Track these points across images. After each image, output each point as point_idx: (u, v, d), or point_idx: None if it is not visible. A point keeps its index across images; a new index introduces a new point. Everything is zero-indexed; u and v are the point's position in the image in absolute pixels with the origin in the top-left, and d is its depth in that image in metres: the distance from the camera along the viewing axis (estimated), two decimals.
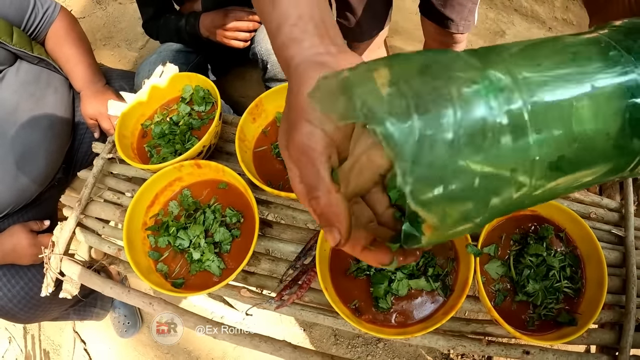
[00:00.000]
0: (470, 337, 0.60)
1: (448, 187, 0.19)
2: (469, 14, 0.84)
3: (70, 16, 0.98)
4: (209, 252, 0.57)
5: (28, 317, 0.96)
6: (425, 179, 0.19)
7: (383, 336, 0.52)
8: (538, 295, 0.56)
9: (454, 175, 0.19)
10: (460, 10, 0.82)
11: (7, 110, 0.87)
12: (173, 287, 0.57)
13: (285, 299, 0.59)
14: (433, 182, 0.19)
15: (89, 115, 0.98)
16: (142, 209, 0.62)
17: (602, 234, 0.70)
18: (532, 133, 0.20)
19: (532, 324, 0.56)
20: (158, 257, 0.60)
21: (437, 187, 0.19)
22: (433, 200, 0.19)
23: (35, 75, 0.93)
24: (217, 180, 0.64)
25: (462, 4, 0.81)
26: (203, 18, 0.96)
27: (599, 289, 0.56)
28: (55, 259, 0.70)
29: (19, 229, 0.91)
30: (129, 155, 0.66)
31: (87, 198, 0.73)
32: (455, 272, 0.56)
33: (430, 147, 0.18)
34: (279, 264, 0.63)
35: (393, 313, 0.55)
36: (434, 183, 0.19)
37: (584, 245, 0.60)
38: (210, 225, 0.60)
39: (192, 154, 0.62)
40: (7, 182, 0.88)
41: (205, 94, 0.71)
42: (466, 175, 0.19)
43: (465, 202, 0.20)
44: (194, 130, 0.70)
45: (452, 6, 0.81)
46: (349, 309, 0.54)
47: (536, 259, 0.58)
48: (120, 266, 0.79)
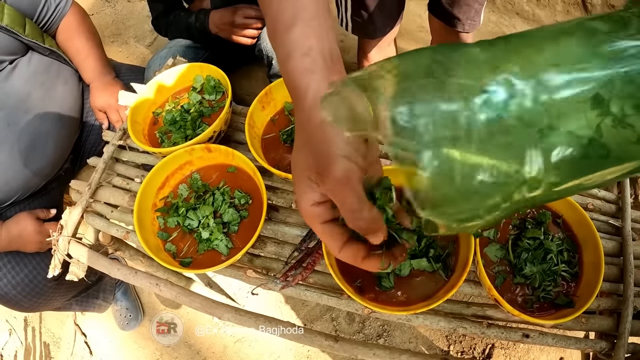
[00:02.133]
0: (471, 319, 0.61)
1: (462, 206, 0.20)
2: (475, 14, 0.87)
3: (81, 10, 1.01)
4: (217, 232, 0.59)
5: (31, 305, 0.97)
6: (440, 203, 0.20)
7: (386, 312, 0.53)
8: (536, 277, 0.58)
9: (468, 197, 0.20)
10: (467, 10, 0.85)
11: (18, 98, 0.89)
12: (181, 266, 0.58)
13: (290, 280, 0.60)
14: (448, 204, 0.20)
15: (98, 107, 1.00)
16: (152, 190, 0.64)
17: (600, 224, 0.72)
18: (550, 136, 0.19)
19: (531, 305, 0.58)
20: (167, 238, 0.62)
21: (453, 208, 0.20)
22: (449, 216, 0.20)
23: (46, 66, 0.95)
24: (227, 165, 0.66)
25: (469, 4, 0.84)
26: (212, 15, 0.99)
27: (595, 272, 0.57)
28: (63, 241, 0.72)
29: (26, 216, 0.92)
30: (140, 141, 0.68)
31: (96, 183, 0.74)
32: (456, 253, 0.58)
33: (450, 176, 0.19)
34: (285, 247, 0.64)
35: (396, 292, 0.56)
36: (449, 205, 0.20)
37: (581, 231, 0.61)
38: (219, 206, 0.61)
39: (202, 139, 0.64)
40: (15, 170, 0.90)
41: (216, 83, 0.74)
42: (480, 196, 0.20)
43: (476, 215, 0.21)
44: (204, 117, 0.72)
45: (459, 6, 0.85)
46: (353, 288, 0.56)
47: (534, 242, 0.60)
48: (126, 252, 0.80)
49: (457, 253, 0.58)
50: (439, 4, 0.88)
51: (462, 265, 0.56)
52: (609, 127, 0.20)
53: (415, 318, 0.60)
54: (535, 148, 0.20)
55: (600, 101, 0.19)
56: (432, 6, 0.92)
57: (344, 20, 0.94)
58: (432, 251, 0.58)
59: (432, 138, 0.19)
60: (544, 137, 0.20)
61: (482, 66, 0.20)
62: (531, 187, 0.20)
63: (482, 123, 0.19)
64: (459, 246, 0.58)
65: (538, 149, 0.20)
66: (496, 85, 0.20)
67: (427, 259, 0.57)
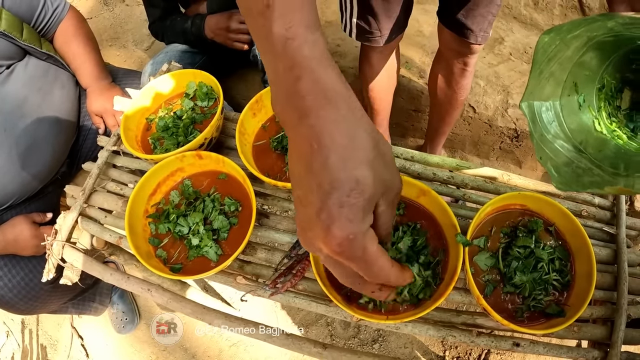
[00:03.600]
0: (461, 328, 0.61)
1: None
2: (488, 25, 0.85)
3: (79, 15, 1.02)
4: (207, 239, 0.59)
5: (27, 308, 0.98)
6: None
7: (374, 321, 0.53)
8: (526, 286, 0.57)
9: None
10: (480, 21, 0.83)
11: (15, 103, 0.89)
12: (171, 272, 0.58)
13: (280, 287, 0.60)
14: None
15: (94, 112, 1.01)
16: (144, 197, 0.64)
17: (594, 232, 0.71)
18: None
19: (521, 315, 0.57)
20: (158, 244, 0.62)
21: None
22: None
23: (43, 70, 0.96)
24: (217, 172, 0.66)
25: (483, 16, 0.83)
26: (208, 20, 0.99)
27: (587, 282, 0.57)
28: (57, 245, 0.72)
29: (22, 220, 0.93)
30: (133, 147, 0.68)
31: (90, 188, 0.75)
32: (445, 261, 0.58)
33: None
34: (275, 254, 0.64)
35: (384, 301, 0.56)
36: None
37: (573, 240, 0.61)
38: (209, 213, 0.61)
39: (194, 146, 0.64)
40: (12, 173, 0.91)
41: (209, 89, 0.74)
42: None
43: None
44: (196, 124, 0.73)
45: (473, 17, 0.83)
46: (341, 296, 0.56)
47: (524, 251, 0.59)
48: (120, 257, 0.81)
49: (447, 261, 0.58)
50: (452, 14, 0.86)
51: (450, 274, 0.55)
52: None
53: (404, 326, 0.60)
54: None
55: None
56: (444, 16, 0.90)
57: (348, 26, 0.93)
58: (422, 258, 0.57)
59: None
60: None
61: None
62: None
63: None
64: (448, 254, 0.58)
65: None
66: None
67: (417, 267, 0.57)
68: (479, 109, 1.22)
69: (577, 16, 1.29)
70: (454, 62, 0.96)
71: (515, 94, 1.21)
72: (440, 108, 1.10)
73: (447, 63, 0.99)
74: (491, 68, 1.25)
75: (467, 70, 0.96)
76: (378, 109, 1.16)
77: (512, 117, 1.20)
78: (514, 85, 1.22)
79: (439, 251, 0.59)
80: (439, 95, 1.07)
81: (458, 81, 0.99)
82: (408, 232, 0.59)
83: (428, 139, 1.25)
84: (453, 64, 0.97)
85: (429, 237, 0.59)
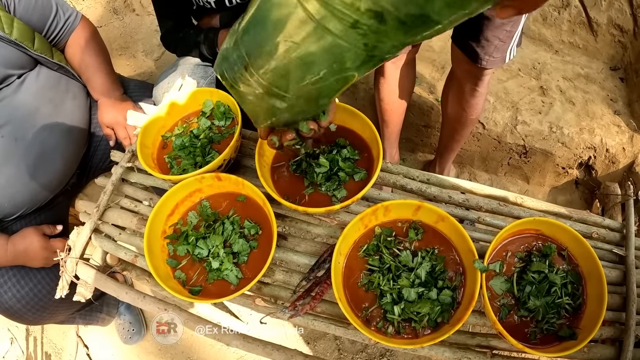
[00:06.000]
0: (476, 349, 0.62)
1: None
2: (495, 50, 0.85)
3: (91, 25, 1.01)
4: (227, 262, 0.59)
5: (35, 319, 0.97)
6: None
7: (393, 346, 0.54)
8: (539, 310, 0.58)
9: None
10: (486, 45, 0.84)
11: (26, 112, 0.89)
12: (190, 295, 0.59)
13: (299, 309, 0.61)
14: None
15: (105, 124, 1.00)
16: (162, 217, 0.64)
17: (604, 253, 0.73)
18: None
19: (535, 337, 0.58)
20: (176, 265, 0.62)
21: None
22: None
23: (54, 81, 0.95)
24: (236, 193, 0.67)
25: (489, 40, 0.83)
26: (221, 34, 0.99)
27: (599, 305, 0.58)
28: (71, 262, 0.72)
29: (32, 232, 0.92)
30: (149, 165, 0.69)
31: (105, 205, 0.75)
32: (463, 286, 0.59)
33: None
34: (293, 275, 0.65)
35: (403, 324, 0.57)
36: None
37: (585, 263, 0.62)
38: (229, 235, 0.62)
39: (212, 167, 0.65)
40: (22, 184, 0.90)
41: (226, 109, 0.74)
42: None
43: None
44: (214, 143, 0.73)
45: (478, 40, 0.84)
46: (360, 319, 0.57)
47: (538, 276, 0.60)
48: (132, 272, 0.81)
49: (464, 286, 0.59)
50: (463, 35, 0.87)
51: (468, 298, 0.56)
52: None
53: (421, 349, 0.60)
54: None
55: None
56: (455, 37, 0.91)
57: None
58: (440, 282, 0.58)
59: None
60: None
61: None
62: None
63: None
64: (465, 279, 0.59)
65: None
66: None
67: (436, 291, 0.58)
68: (489, 125, 1.23)
69: (585, 32, 1.31)
70: (465, 83, 0.97)
71: (524, 110, 1.22)
72: (451, 125, 1.11)
73: (458, 82, 1.00)
74: (500, 84, 1.27)
75: (478, 90, 0.97)
76: (388, 121, 1.17)
77: (521, 134, 1.21)
78: (522, 102, 1.23)
79: (457, 276, 0.60)
80: (449, 113, 1.08)
81: (468, 100, 1.00)
82: (427, 258, 0.60)
83: (438, 155, 1.26)
84: (464, 84, 0.97)
85: (446, 262, 0.60)
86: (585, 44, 1.32)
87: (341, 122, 0.69)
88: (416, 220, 0.63)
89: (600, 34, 1.28)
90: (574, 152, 1.19)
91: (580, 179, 1.27)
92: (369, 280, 0.59)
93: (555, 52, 1.35)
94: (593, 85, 1.26)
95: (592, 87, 1.25)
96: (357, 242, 0.62)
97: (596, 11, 1.25)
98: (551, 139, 1.19)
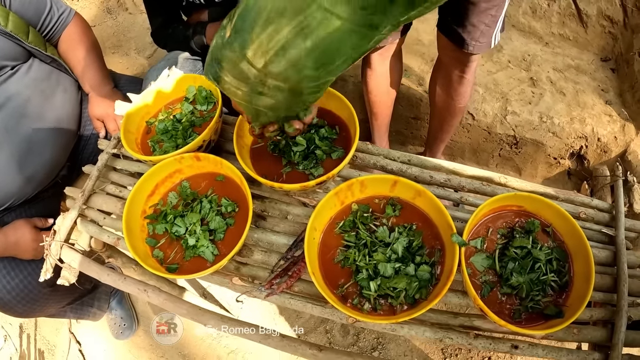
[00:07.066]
0: (458, 330, 0.60)
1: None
2: (481, 35, 0.85)
3: (83, 21, 1.04)
4: (203, 239, 0.59)
5: (25, 311, 0.97)
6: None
7: (369, 321, 0.53)
8: (523, 287, 0.57)
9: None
10: (472, 31, 0.84)
11: (18, 102, 0.91)
12: (167, 272, 0.59)
13: (275, 288, 0.60)
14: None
15: (96, 116, 1.02)
16: (142, 198, 0.65)
17: (593, 234, 0.71)
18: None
19: (519, 316, 0.57)
20: (155, 244, 0.62)
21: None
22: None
23: (46, 73, 0.97)
24: (215, 173, 0.67)
25: (474, 25, 0.84)
26: (209, 28, 1.01)
27: (586, 282, 0.56)
28: (55, 245, 0.73)
29: (24, 224, 0.93)
30: (133, 149, 0.69)
31: (90, 190, 0.76)
32: (441, 262, 0.58)
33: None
34: (271, 255, 0.65)
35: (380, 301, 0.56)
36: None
37: (571, 241, 0.61)
38: (206, 214, 0.62)
39: (192, 147, 0.65)
40: (11, 174, 0.91)
41: (208, 94, 0.75)
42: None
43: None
44: (195, 127, 0.74)
45: (464, 26, 0.84)
46: (335, 296, 0.56)
47: (521, 251, 0.59)
48: (118, 259, 0.81)
49: (443, 262, 0.58)
50: (447, 22, 0.88)
51: (447, 274, 0.55)
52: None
53: (401, 328, 0.59)
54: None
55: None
56: (441, 24, 0.91)
57: None
58: (418, 258, 0.57)
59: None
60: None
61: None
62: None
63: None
64: (444, 255, 0.58)
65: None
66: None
67: (413, 266, 0.57)
68: (478, 116, 1.23)
69: (575, 24, 1.31)
70: (452, 70, 0.97)
71: (514, 101, 1.21)
72: (439, 115, 1.11)
73: (445, 70, 1.00)
74: (490, 76, 1.27)
75: (465, 78, 0.97)
76: (376, 113, 1.17)
77: (511, 124, 1.21)
78: (512, 93, 1.23)
79: (435, 252, 0.58)
80: (437, 103, 1.08)
81: (456, 88, 1.00)
82: (404, 233, 0.59)
83: (427, 147, 1.26)
84: (451, 71, 0.98)
85: (424, 238, 0.59)
86: (576, 35, 1.32)
87: (319, 103, 0.69)
88: (394, 197, 0.62)
89: (590, 25, 1.27)
90: (565, 141, 1.18)
91: (573, 169, 1.25)
92: (345, 257, 0.58)
93: (545, 44, 1.35)
94: (584, 76, 1.25)
95: (582, 78, 1.25)
96: (334, 219, 0.61)
97: (586, 3, 1.26)
98: (542, 129, 1.18)
